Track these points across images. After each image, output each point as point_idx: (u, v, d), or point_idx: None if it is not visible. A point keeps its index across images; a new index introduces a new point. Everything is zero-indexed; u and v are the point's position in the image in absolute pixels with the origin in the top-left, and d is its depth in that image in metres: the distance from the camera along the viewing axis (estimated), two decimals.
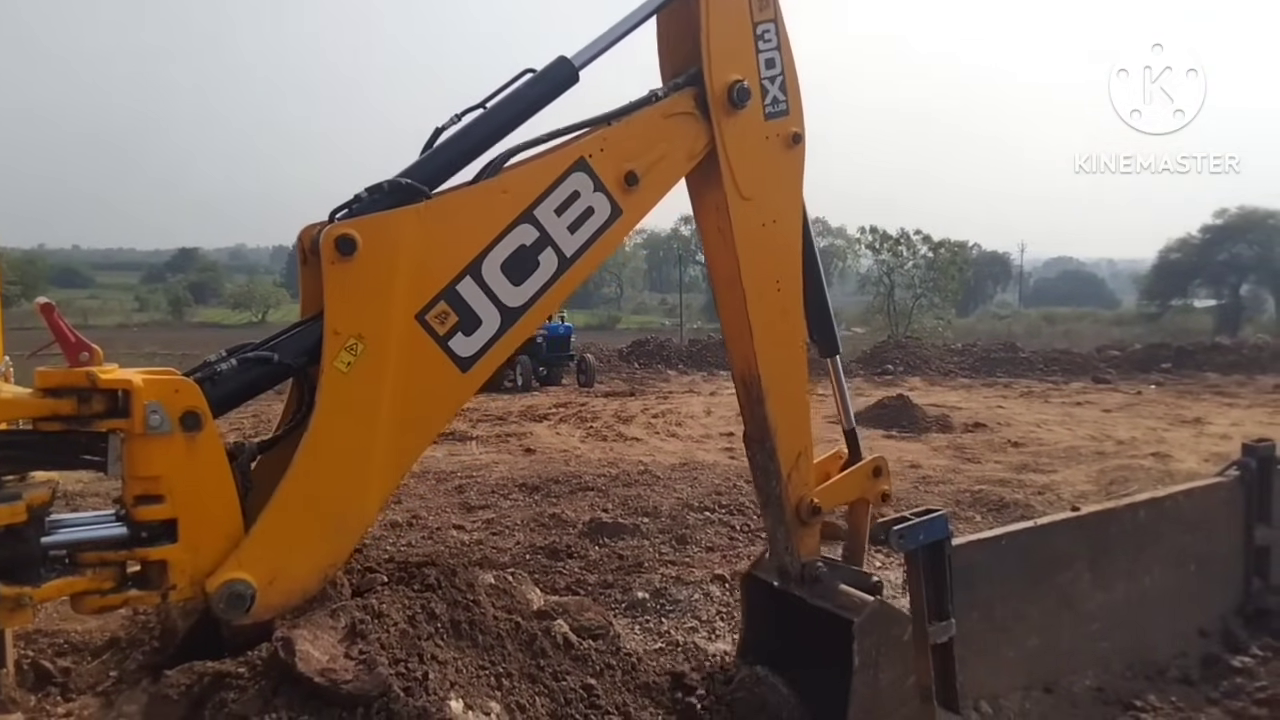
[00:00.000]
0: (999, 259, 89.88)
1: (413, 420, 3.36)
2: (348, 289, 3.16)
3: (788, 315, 4.06)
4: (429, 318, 3.31)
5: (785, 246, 4.04)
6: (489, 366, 3.48)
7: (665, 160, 3.76)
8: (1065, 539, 4.17)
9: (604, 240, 3.65)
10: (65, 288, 75.43)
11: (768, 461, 4.12)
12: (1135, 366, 26.22)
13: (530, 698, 3.78)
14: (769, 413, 4.05)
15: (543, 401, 18.81)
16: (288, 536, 3.13)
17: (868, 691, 3.74)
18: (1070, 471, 11.29)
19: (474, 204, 3.43)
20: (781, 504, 4.12)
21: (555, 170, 3.53)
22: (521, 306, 3.50)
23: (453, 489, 9.74)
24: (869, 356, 28.38)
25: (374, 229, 3.18)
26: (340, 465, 3.20)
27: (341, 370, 3.15)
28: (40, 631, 4.92)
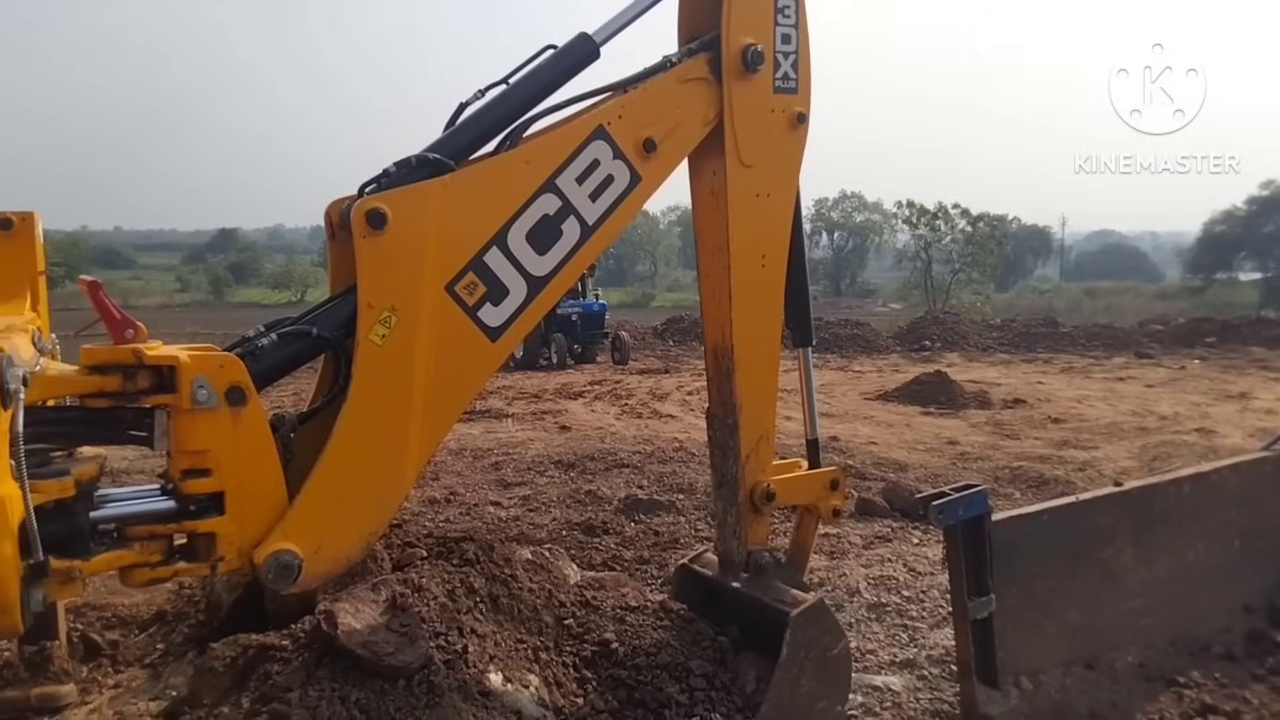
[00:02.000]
0: (1039, 232, 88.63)
1: (445, 390, 3.41)
2: (380, 262, 3.21)
3: (768, 291, 4.06)
4: (458, 288, 3.37)
5: (776, 222, 4.06)
6: (517, 335, 3.54)
7: (681, 126, 3.79)
8: (1108, 514, 4.12)
9: (624, 207, 3.69)
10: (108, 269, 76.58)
11: (728, 438, 4.08)
12: (1179, 341, 25.79)
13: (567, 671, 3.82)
14: (736, 387, 4.01)
15: (578, 379, 18.87)
16: (331, 506, 3.19)
17: (788, 690, 3.65)
18: (1112, 448, 11.16)
19: (498, 175, 3.48)
20: (736, 485, 4.07)
21: (575, 139, 3.57)
22: (547, 275, 3.54)
23: (489, 466, 9.82)
24: (906, 332, 28.13)
25: (403, 202, 3.23)
26: (378, 435, 3.26)
27: (376, 342, 3.20)
28: (89, 605, 5.04)
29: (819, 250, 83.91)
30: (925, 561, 6.40)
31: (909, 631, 5.26)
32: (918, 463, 10.12)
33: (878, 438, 11.77)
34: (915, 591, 5.83)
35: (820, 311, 30.08)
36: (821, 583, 5.96)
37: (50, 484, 2.70)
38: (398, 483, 3.37)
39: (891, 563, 6.40)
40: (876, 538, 7.09)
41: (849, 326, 28.27)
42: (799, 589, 3.99)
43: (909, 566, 6.30)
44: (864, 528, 7.33)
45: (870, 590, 5.85)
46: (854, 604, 5.65)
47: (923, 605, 5.62)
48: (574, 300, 23.34)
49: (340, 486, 3.20)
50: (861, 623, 5.39)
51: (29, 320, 3.62)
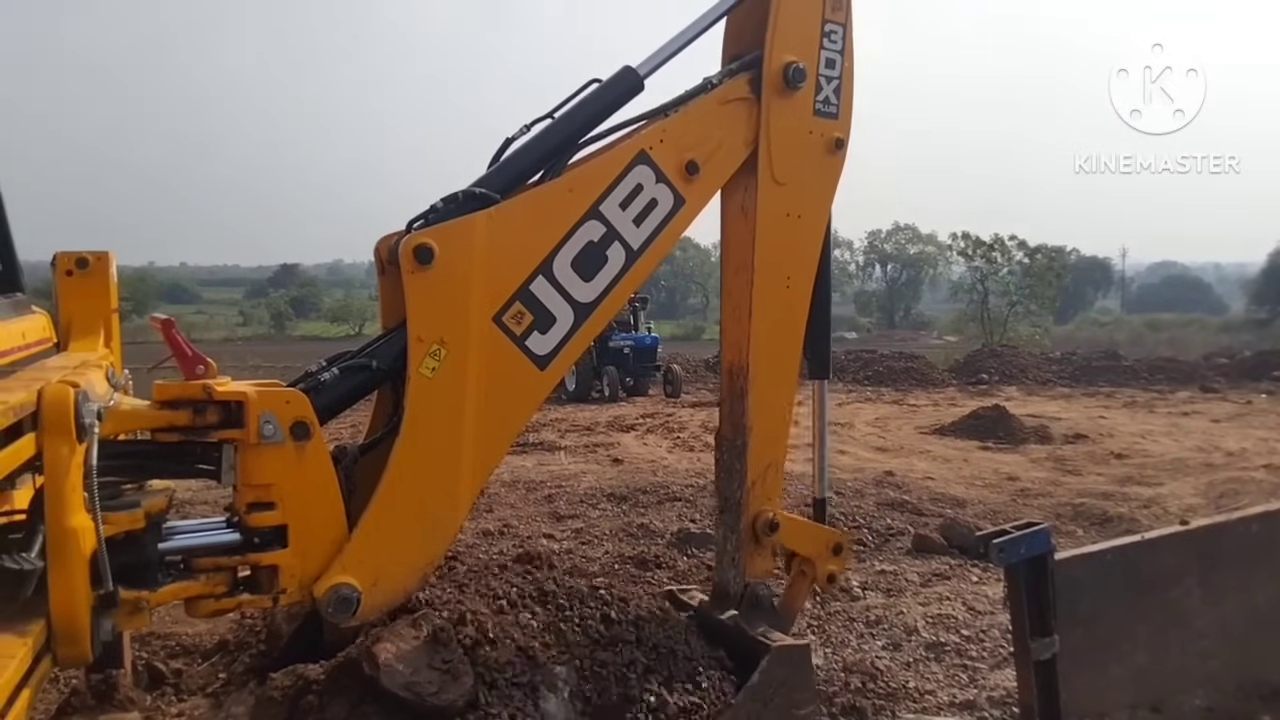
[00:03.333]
0: (1099, 264, 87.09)
1: (496, 420, 3.45)
2: (428, 296, 3.27)
3: (790, 314, 4.03)
4: (506, 319, 3.41)
5: (805, 245, 4.03)
6: (565, 363, 3.57)
7: (723, 147, 3.80)
8: (1174, 554, 4.02)
9: (669, 231, 3.70)
10: (173, 303, 78.64)
11: (734, 461, 4.04)
12: (1245, 375, 25.04)
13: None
14: (749, 409, 3.97)
15: (630, 412, 18.89)
16: (387, 539, 3.24)
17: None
18: (1177, 484, 10.87)
19: (541, 204, 3.51)
20: (739, 511, 4.01)
21: (618, 165, 3.59)
22: (593, 301, 3.57)
23: (542, 498, 9.85)
24: (962, 365, 27.73)
25: (449, 236, 3.28)
26: (432, 467, 3.31)
27: (427, 376, 3.26)
28: (154, 634, 5.15)
29: (872, 282, 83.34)
30: (985, 600, 6.28)
31: (969, 672, 5.15)
32: (976, 499, 9.95)
33: (934, 473, 11.60)
34: (975, 631, 5.72)
35: (874, 344, 29.86)
36: (879, 620, 5.88)
37: (121, 516, 2.78)
38: (452, 513, 3.41)
39: (950, 601, 6.29)
40: (934, 575, 6.97)
41: (903, 359, 27.94)
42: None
43: (968, 605, 6.18)
44: (921, 565, 7.21)
45: (929, 629, 5.76)
46: (912, 643, 5.56)
47: (983, 645, 5.51)
48: (626, 333, 23.41)
49: (396, 519, 3.25)
50: (920, 662, 5.30)
51: (103, 356, 3.75)
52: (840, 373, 26.72)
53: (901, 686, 4.92)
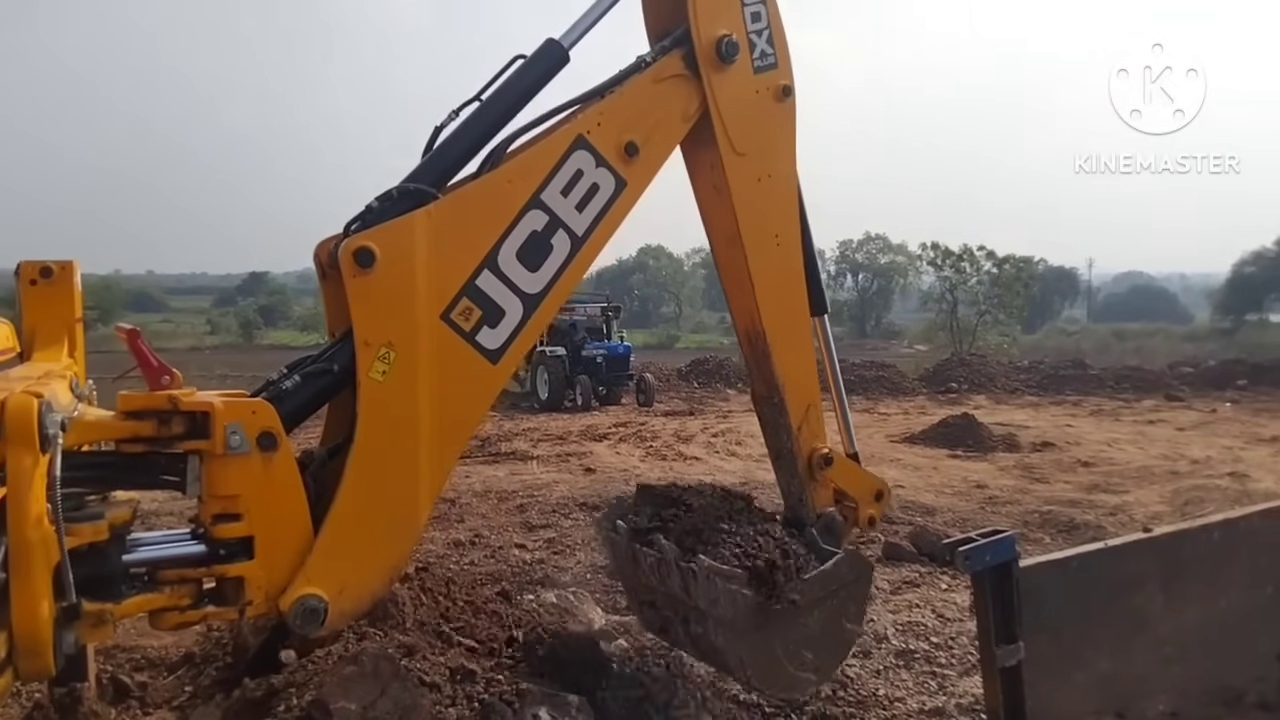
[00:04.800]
0: (1066, 274, 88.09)
1: (451, 418, 3.43)
2: (372, 300, 3.23)
3: (788, 269, 4.08)
4: (454, 316, 3.38)
5: (782, 201, 4.05)
6: (517, 354, 3.55)
7: (662, 126, 3.78)
8: (1138, 561, 4.06)
9: (613, 214, 3.68)
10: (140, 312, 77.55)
11: (777, 416, 4.15)
12: (1209, 383, 25.43)
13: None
14: (775, 367, 4.07)
15: (602, 421, 18.88)
16: (350, 546, 3.21)
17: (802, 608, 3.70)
18: (1143, 492, 11.01)
19: (482, 198, 3.48)
20: (794, 457, 4.15)
21: (556, 152, 3.56)
22: (541, 291, 3.55)
23: (514, 508, 9.83)
24: (932, 374, 27.95)
25: (389, 237, 3.24)
26: (390, 471, 3.28)
27: (378, 380, 3.23)
28: (119, 647, 5.08)
29: (844, 292, 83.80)
30: (954, 607, 6.33)
31: (938, 679, 5.19)
32: (946, 506, 10.03)
33: (905, 481, 11.68)
34: (944, 638, 5.76)
35: (845, 353, 29.94)
36: None
37: (85, 527, 2.75)
38: (414, 514, 3.39)
39: (920, 608, 6.33)
40: (904, 583, 7.02)
41: (874, 369, 28.11)
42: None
43: (937, 612, 6.23)
44: (891, 572, 7.26)
45: (898, 636, 5.79)
46: (882, 650, 5.59)
47: (952, 652, 5.56)
48: (599, 342, 23.41)
49: (357, 526, 3.22)
50: (890, 670, 5.33)
51: (67, 366, 3.70)
52: None
53: (871, 694, 4.95)
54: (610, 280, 75.94)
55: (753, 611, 3.61)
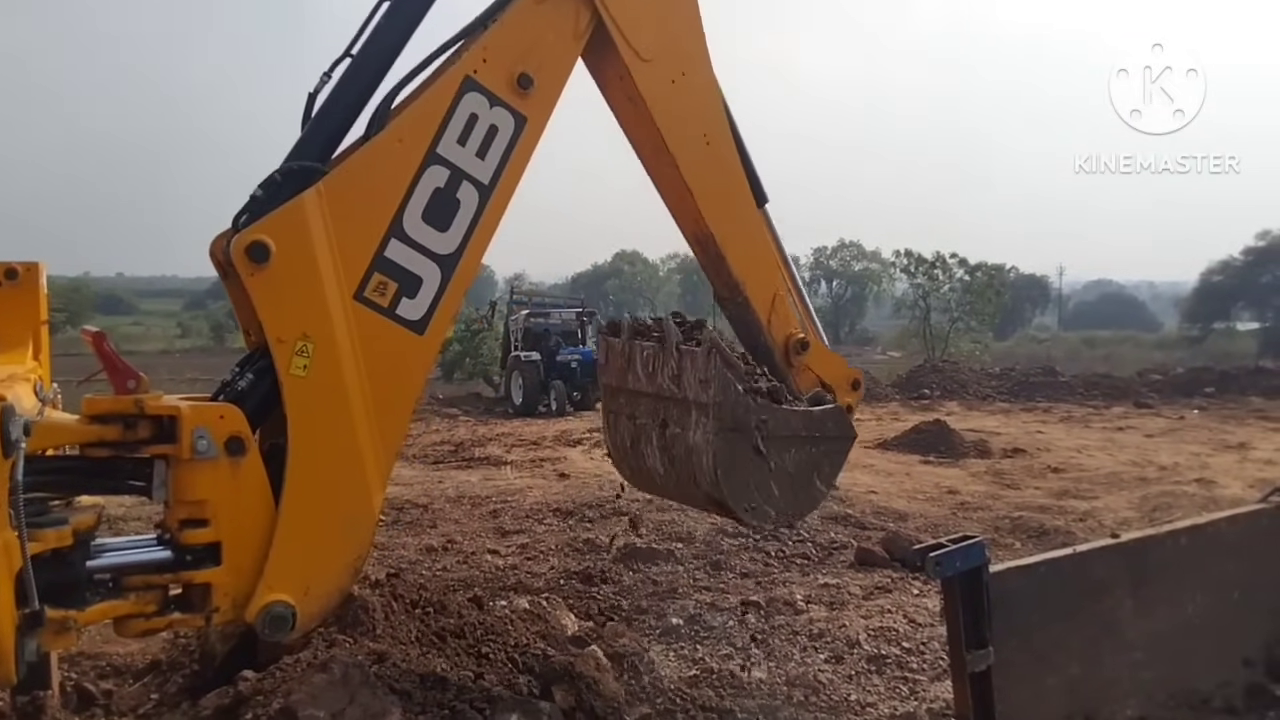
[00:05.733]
0: (1037, 282, 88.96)
1: (387, 397, 3.30)
2: (276, 294, 3.08)
3: (724, 166, 3.95)
4: (368, 294, 3.23)
5: (701, 99, 3.87)
6: (445, 319, 3.41)
7: (553, 50, 3.55)
8: (1106, 566, 4.10)
9: (518, 153, 3.48)
10: (110, 314, 76.79)
11: (744, 314, 4.09)
12: (1177, 391, 25.73)
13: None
14: (732, 266, 3.99)
15: (577, 426, 18.82)
16: (306, 546, 3.14)
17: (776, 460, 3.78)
18: (1112, 498, 11.11)
19: (374, 163, 3.27)
20: (769, 350, 4.10)
21: (444, 99, 3.34)
22: (457, 250, 3.38)
23: (487, 514, 9.78)
24: (905, 381, 28.09)
25: (281, 226, 3.07)
26: (332, 464, 3.18)
27: (300, 375, 3.10)
28: (84, 654, 4.99)
29: (818, 298, 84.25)
30: (926, 613, 6.35)
31: (909, 684, 5.21)
32: (918, 512, 10.07)
33: (877, 487, 11.72)
34: (915, 643, 5.78)
35: None
36: (821, 634, 5.92)
37: (48, 533, 2.72)
38: (366, 502, 3.30)
39: (892, 614, 6.35)
40: (877, 588, 7.04)
41: None
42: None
43: (909, 618, 6.25)
44: (864, 578, 7.28)
45: (870, 642, 5.81)
46: (854, 655, 5.60)
47: (923, 657, 5.58)
48: (573, 347, 23.40)
49: (310, 524, 3.15)
50: (862, 675, 5.35)
51: (31, 369, 3.65)
52: None
53: (843, 699, 4.96)
54: (586, 285, 75.97)
55: (740, 407, 3.62)
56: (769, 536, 8.44)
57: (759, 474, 3.75)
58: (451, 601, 4.48)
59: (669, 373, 3.80)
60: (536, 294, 32.48)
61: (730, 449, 3.67)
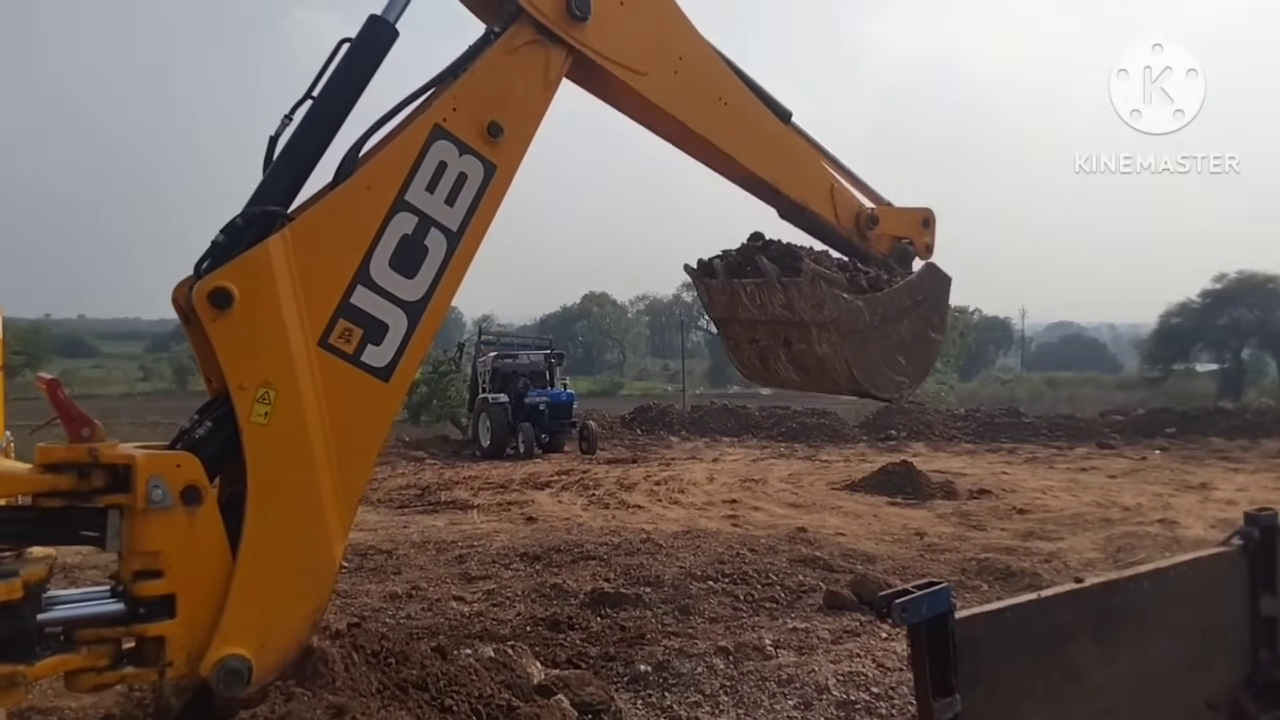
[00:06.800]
0: (1000, 324, 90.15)
1: (350, 445, 3.26)
2: (238, 341, 3.05)
3: (745, 115, 4.15)
4: (333, 340, 3.20)
5: (702, 69, 4.05)
6: (411, 367, 3.39)
7: (523, 98, 3.57)
8: (1069, 611, 4.11)
9: (487, 201, 3.49)
10: (71, 357, 75.73)
11: (814, 222, 4.44)
12: (1139, 431, 26.09)
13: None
14: (788, 192, 4.29)
15: (545, 469, 18.74)
16: (264, 597, 3.08)
17: (889, 310, 4.24)
18: (1077, 539, 11.19)
19: (341, 210, 3.26)
20: (847, 239, 4.50)
21: (413, 147, 3.34)
22: (424, 297, 3.36)
23: (453, 559, 9.68)
24: (872, 422, 28.27)
25: (245, 272, 3.04)
26: (292, 514, 3.12)
27: (260, 423, 3.05)
28: (34, 709, 4.85)
29: None
30: (894, 657, 6.33)
31: None
32: (886, 554, 10.09)
33: (845, 529, 11.74)
34: (884, 688, 5.76)
35: (788, 401, 30.27)
36: (790, 679, 5.88)
37: None
38: (326, 553, 3.24)
39: (860, 658, 6.33)
40: (845, 632, 7.02)
41: (816, 416, 28.39)
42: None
43: (878, 662, 6.23)
44: (833, 621, 7.26)
45: (839, 687, 5.78)
46: (823, 701, 5.56)
47: (892, 703, 5.55)
48: (542, 389, 23.33)
49: (267, 575, 3.08)
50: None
51: None
52: (755, 429, 27.07)
53: None
54: (554, 326, 75.92)
55: (854, 312, 4.05)
56: (737, 580, 8.40)
57: (885, 357, 4.22)
58: (414, 651, 4.39)
59: (779, 302, 4.26)
60: (504, 335, 32.39)
61: (856, 350, 4.15)
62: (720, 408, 30.44)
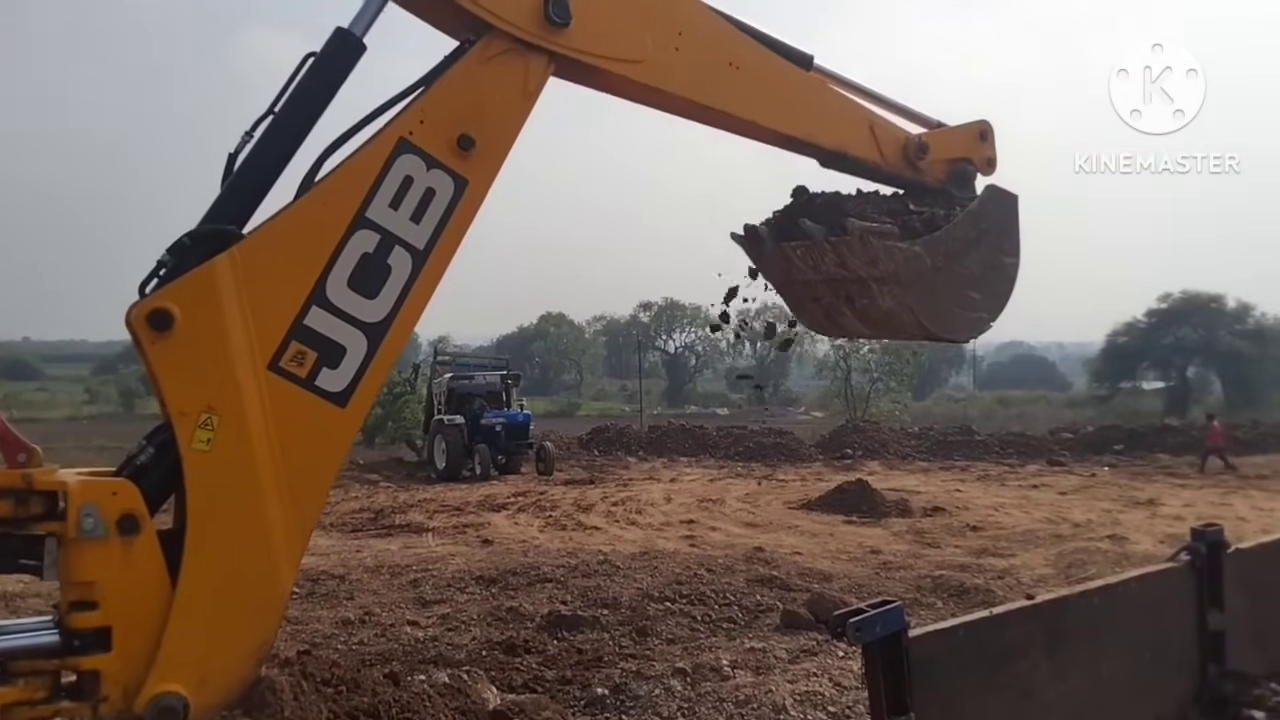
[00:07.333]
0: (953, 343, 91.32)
1: (302, 474, 3.10)
2: (179, 364, 2.91)
3: (761, 76, 4.00)
4: (284, 363, 3.04)
5: (708, 39, 3.84)
6: (370, 392, 3.22)
7: (499, 109, 3.40)
8: (1022, 628, 4.14)
9: (458, 217, 3.33)
10: (14, 380, 73.98)
11: (858, 165, 4.27)
12: (1088, 448, 26.57)
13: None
14: (825, 144, 4.15)
15: (501, 490, 18.60)
16: (203, 634, 2.93)
17: (955, 243, 3.99)
18: (1029, 555, 11.33)
19: (295, 227, 3.12)
20: (897, 174, 4.29)
21: (375, 162, 3.19)
22: (386, 318, 3.21)
23: (407, 583, 9.54)
24: (828, 441, 28.50)
25: (187, 293, 2.92)
26: (236, 545, 2.98)
27: (203, 449, 2.91)
28: None
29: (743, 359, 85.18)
30: (851, 676, 6.34)
31: None
32: (842, 573, 10.12)
33: (802, 547, 11.78)
34: (841, 707, 5.76)
35: (744, 420, 30.44)
36: (748, 700, 5.86)
37: None
38: (273, 587, 3.09)
39: (818, 677, 6.33)
40: (803, 651, 7.02)
41: (773, 435, 28.56)
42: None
43: (835, 681, 6.24)
44: (790, 641, 7.26)
45: (796, 707, 5.77)
46: None
47: None
48: (498, 410, 23.20)
49: (208, 610, 2.93)
50: None
51: None
52: (712, 449, 27.14)
53: None
54: (511, 347, 75.58)
55: (912, 260, 3.79)
56: (695, 600, 8.38)
57: (955, 297, 4.00)
58: (366, 678, 4.33)
59: (831, 261, 4.07)
60: (460, 356, 32.17)
61: (922, 298, 3.94)
62: (678, 428, 30.49)
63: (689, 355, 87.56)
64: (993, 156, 4.55)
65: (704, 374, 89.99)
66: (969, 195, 4.31)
